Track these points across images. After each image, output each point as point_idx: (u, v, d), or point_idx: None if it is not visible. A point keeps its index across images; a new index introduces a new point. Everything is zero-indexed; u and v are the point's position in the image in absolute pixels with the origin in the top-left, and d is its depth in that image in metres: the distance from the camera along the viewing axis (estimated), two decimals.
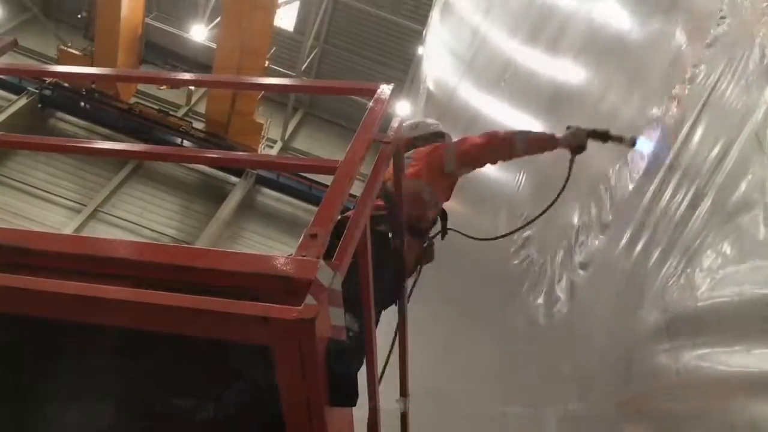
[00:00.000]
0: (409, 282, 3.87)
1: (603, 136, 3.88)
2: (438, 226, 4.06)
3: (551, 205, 4.07)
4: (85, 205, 18.98)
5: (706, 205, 2.86)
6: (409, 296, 3.90)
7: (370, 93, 2.75)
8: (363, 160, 2.33)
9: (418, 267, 4.14)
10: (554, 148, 3.92)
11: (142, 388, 2.07)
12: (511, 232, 4.25)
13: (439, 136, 4.10)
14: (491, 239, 4.26)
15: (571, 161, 3.92)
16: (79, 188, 19.37)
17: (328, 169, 2.34)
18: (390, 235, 3.37)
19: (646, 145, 3.78)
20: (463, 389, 5.82)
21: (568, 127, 3.95)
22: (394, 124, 2.78)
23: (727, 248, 2.58)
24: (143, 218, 19.37)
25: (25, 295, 1.79)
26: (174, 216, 19.87)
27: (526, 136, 3.86)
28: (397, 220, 3.23)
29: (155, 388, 2.07)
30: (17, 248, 1.91)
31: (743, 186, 2.65)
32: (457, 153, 3.78)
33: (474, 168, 3.92)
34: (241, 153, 11.47)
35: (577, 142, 3.87)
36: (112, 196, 19.53)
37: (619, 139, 3.86)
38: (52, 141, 4.08)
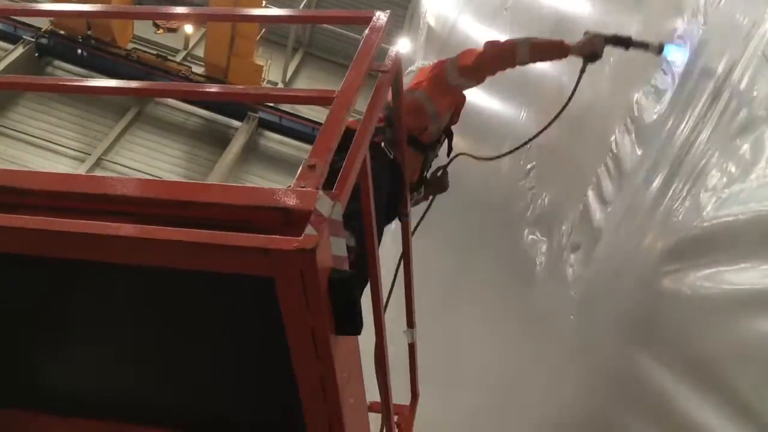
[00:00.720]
0: (416, 209, 3.82)
1: (625, 42, 3.54)
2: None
3: (558, 114, 3.78)
4: (89, 154, 18.92)
5: (711, 124, 2.82)
6: (416, 227, 3.87)
7: (365, 21, 2.67)
8: (360, 90, 2.29)
9: (431, 197, 4.09)
10: (565, 55, 3.64)
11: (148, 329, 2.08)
12: (517, 148, 4.06)
13: None
14: (496, 157, 4.06)
15: (582, 70, 3.62)
16: (82, 137, 19.28)
17: (325, 99, 2.29)
18: (383, 144, 3.31)
19: (674, 52, 3.50)
20: (468, 321, 5.87)
21: (585, 33, 3.65)
22: (392, 53, 2.72)
23: (732, 167, 2.55)
24: (148, 165, 19.31)
25: (24, 234, 1.78)
26: (178, 162, 19.80)
27: (530, 41, 3.58)
28: (398, 140, 3.15)
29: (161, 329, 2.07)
30: (10, 188, 1.90)
31: (749, 104, 2.61)
32: (458, 64, 3.60)
33: (478, 79, 3.70)
34: (237, 86, 11.11)
35: (591, 49, 3.55)
36: (115, 144, 19.45)
37: (645, 46, 3.54)
38: (50, 81, 4.03)
